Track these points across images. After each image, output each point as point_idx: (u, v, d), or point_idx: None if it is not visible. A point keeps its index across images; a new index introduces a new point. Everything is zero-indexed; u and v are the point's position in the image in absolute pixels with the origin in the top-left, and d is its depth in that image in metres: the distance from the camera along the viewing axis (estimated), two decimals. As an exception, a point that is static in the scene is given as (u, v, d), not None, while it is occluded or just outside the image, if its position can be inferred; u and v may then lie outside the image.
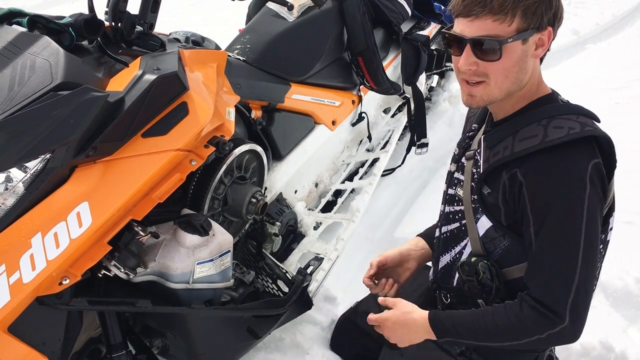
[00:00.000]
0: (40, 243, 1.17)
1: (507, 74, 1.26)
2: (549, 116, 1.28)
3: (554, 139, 1.22)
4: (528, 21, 1.21)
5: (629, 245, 2.56)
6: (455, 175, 1.48)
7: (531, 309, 1.26)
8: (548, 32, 1.24)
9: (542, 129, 1.25)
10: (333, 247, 2.15)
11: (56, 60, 1.28)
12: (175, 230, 1.46)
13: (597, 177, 1.23)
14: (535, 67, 1.30)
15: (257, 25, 2.35)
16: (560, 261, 1.24)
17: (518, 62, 1.25)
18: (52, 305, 1.23)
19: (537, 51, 1.26)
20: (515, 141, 1.28)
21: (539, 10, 1.21)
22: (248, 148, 1.76)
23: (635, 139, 3.52)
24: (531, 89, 1.32)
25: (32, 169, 1.20)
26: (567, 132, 1.22)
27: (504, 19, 1.21)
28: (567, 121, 1.25)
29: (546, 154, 1.23)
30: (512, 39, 1.21)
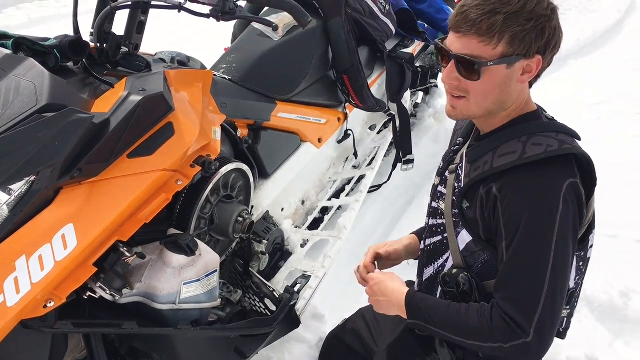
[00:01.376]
0: (24, 266, 1.16)
1: (487, 94, 1.27)
2: (529, 133, 1.28)
3: (531, 156, 1.23)
4: (515, 47, 1.21)
5: (613, 259, 2.59)
6: (439, 189, 1.49)
7: (500, 318, 1.26)
8: (537, 60, 1.23)
9: (521, 145, 1.26)
10: (320, 264, 2.14)
11: (41, 82, 1.28)
12: (161, 251, 1.45)
13: (573, 196, 1.23)
14: (522, 91, 1.30)
15: (243, 45, 2.37)
16: (528, 278, 1.24)
17: (500, 85, 1.25)
18: (37, 328, 1.22)
19: (524, 77, 1.26)
20: (495, 157, 1.29)
21: (528, 38, 1.20)
22: (234, 167, 1.76)
23: (616, 152, 3.57)
24: (517, 109, 1.33)
25: (17, 191, 1.19)
26: (545, 150, 1.23)
27: (489, 42, 1.21)
28: (547, 139, 1.26)
29: (523, 171, 1.24)
30: (492, 63, 1.22)
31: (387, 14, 2.80)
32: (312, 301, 2.05)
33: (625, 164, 3.43)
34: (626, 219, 2.89)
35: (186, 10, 1.55)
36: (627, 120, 4.10)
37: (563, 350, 2.07)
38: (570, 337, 2.16)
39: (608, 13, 7.02)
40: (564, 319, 1.44)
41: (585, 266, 1.42)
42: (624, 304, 2.32)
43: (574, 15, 6.97)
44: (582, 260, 1.37)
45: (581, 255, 1.36)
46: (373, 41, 2.75)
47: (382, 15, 2.75)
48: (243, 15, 1.59)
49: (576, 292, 1.42)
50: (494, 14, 1.19)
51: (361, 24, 2.63)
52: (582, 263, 1.38)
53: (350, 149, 2.80)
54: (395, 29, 2.91)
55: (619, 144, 3.71)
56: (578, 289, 1.42)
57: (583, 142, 1.33)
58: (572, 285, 1.38)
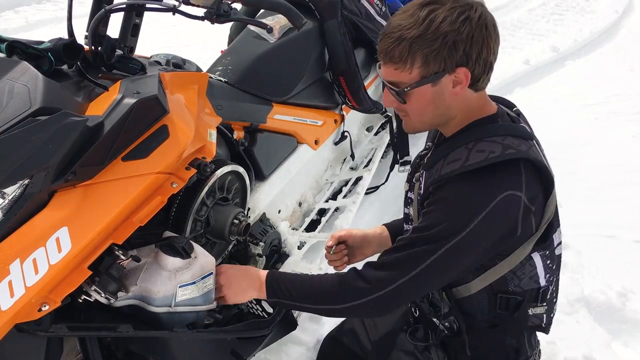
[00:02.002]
0: (18, 269, 1.15)
1: (422, 112, 1.31)
2: (477, 139, 1.29)
3: (472, 164, 1.24)
4: (430, 67, 1.23)
5: (611, 260, 2.60)
6: (409, 195, 1.52)
7: (358, 276, 1.34)
8: (462, 72, 1.24)
9: (466, 152, 1.27)
10: (317, 266, 2.14)
11: (35, 85, 1.28)
12: (156, 254, 1.45)
13: (505, 210, 1.22)
14: (466, 99, 1.30)
15: (239, 47, 2.37)
16: (409, 257, 1.28)
17: (432, 102, 1.28)
18: (32, 332, 1.21)
19: (456, 89, 1.27)
20: (444, 164, 1.31)
21: (440, 56, 1.21)
22: (230, 169, 1.76)
23: (614, 153, 3.58)
24: (470, 114, 1.33)
25: (11, 194, 1.18)
26: (486, 157, 1.23)
27: (403, 67, 1.24)
28: (491, 144, 1.26)
29: (462, 178, 1.26)
30: (410, 88, 1.25)
31: (384, 16, 2.81)
32: (309, 303, 2.04)
33: (623, 165, 3.44)
34: (624, 219, 2.89)
35: (180, 13, 1.55)
36: (624, 120, 4.10)
37: (561, 351, 2.07)
38: (568, 338, 2.17)
39: (605, 14, 7.03)
40: (542, 315, 1.44)
41: (556, 264, 1.42)
42: (621, 305, 2.32)
43: (571, 15, 6.98)
44: (548, 258, 1.38)
45: (546, 254, 1.36)
46: (369, 43, 2.76)
47: (378, 16, 2.76)
48: (237, 17, 1.59)
49: (550, 289, 1.42)
50: (401, 40, 1.21)
51: (357, 25, 2.64)
52: (549, 261, 1.38)
53: (347, 151, 2.80)
54: (392, 31, 2.91)
55: (617, 144, 3.72)
56: (552, 286, 1.43)
57: (581, 142, 1.33)
58: (543, 284, 1.39)
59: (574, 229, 2.71)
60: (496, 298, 1.38)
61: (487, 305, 1.40)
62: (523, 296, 1.38)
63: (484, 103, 1.34)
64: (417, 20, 1.21)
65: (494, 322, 1.41)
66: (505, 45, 5.78)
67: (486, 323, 1.42)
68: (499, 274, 1.34)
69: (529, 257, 1.33)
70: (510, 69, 5.14)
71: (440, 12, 1.20)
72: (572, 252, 2.62)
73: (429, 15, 1.20)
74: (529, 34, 6.18)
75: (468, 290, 1.39)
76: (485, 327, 1.42)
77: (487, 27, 1.23)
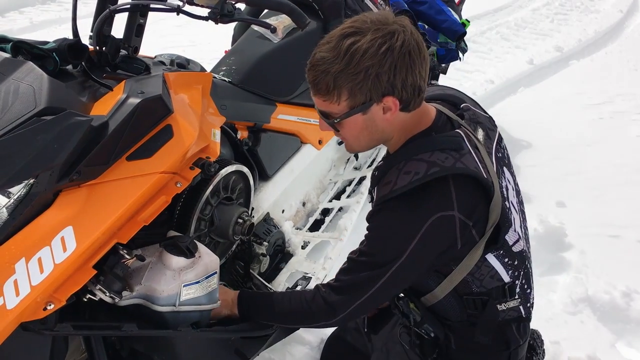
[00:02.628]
0: (24, 268, 1.16)
1: (357, 137, 1.33)
2: (407, 158, 1.30)
3: (398, 189, 1.26)
4: (356, 99, 1.24)
5: (615, 259, 2.59)
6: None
7: (322, 300, 1.42)
8: (391, 100, 1.24)
9: (396, 174, 1.29)
10: (321, 266, 2.15)
11: (40, 85, 1.28)
12: (161, 253, 1.45)
13: (436, 232, 1.25)
14: (399, 121, 1.31)
15: (243, 47, 2.37)
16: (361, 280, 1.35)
17: (364, 129, 1.30)
18: (37, 331, 1.22)
19: (386, 115, 1.28)
20: (380, 186, 1.34)
21: (365, 88, 1.22)
22: (234, 169, 1.76)
23: (618, 153, 3.57)
24: (406, 132, 1.34)
25: (16, 194, 1.19)
26: (411, 179, 1.25)
27: (331, 100, 1.26)
28: (418, 163, 1.27)
29: (391, 203, 1.29)
30: (339, 119, 1.27)
31: (387, 16, 2.80)
32: (313, 303, 2.05)
33: (628, 164, 3.43)
34: (628, 219, 2.89)
35: (185, 13, 1.55)
36: (629, 120, 4.09)
37: (565, 351, 2.06)
38: (572, 338, 2.17)
39: (609, 13, 7.02)
40: (518, 307, 1.46)
41: (517, 259, 1.42)
42: (625, 305, 2.32)
43: (575, 15, 6.97)
44: (505, 256, 1.39)
45: (501, 254, 1.38)
46: (373, 42, 2.75)
47: (382, 16, 2.75)
48: (241, 17, 1.60)
49: (516, 283, 1.43)
50: (325, 74, 1.23)
51: (361, 25, 2.63)
52: (507, 259, 1.40)
53: (351, 151, 2.79)
54: (395, 30, 2.91)
55: (621, 144, 3.71)
56: (518, 280, 1.44)
57: (586, 142, 1.33)
58: (507, 280, 1.41)
59: (578, 229, 2.71)
60: (462, 300, 1.42)
61: (458, 307, 1.44)
62: (489, 295, 1.40)
63: (419, 119, 1.35)
64: (339, 53, 1.21)
65: (469, 320, 1.44)
66: (509, 45, 5.78)
67: (462, 323, 1.45)
68: (458, 279, 1.38)
69: (482, 259, 1.35)
70: (514, 69, 5.14)
71: (361, 45, 1.19)
72: (576, 252, 2.62)
73: (350, 48, 1.20)
74: (533, 33, 6.17)
75: (435, 297, 1.43)
76: (464, 326, 1.46)
77: (411, 54, 1.22)
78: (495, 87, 4.67)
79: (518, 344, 1.50)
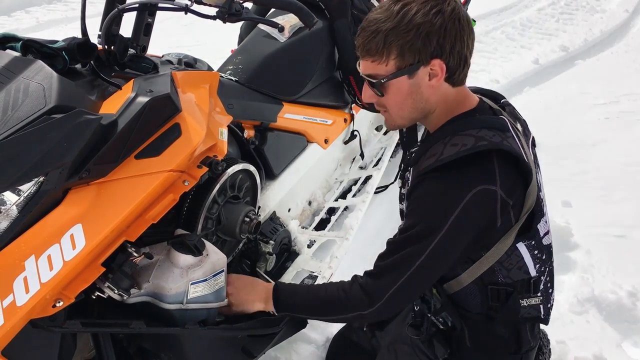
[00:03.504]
0: (33, 266, 1.17)
1: (401, 105, 1.33)
2: (453, 133, 1.31)
3: (445, 158, 1.26)
4: (405, 59, 1.25)
5: (622, 259, 2.58)
6: (402, 191, 1.54)
7: (359, 288, 1.38)
8: (438, 64, 1.26)
9: (442, 147, 1.29)
10: (327, 265, 2.15)
11: (49, 83, 1.29)
12: (168, 251, 1.46)
13: (479, 204, 1.25)
14: (443, 93, 1.32)
15: (249, 46, 2.38)
16: (399, 261, 1.32)
17: (410, 94, 1.30)
18: (46, 327, 1.23)
19: (432, 82, 1.29)
20: (423, 160, 1.33)
21: (414, 47, 1.24)
22: (241, 168, 1.77)
23: (625, 153, 3.56)
24: (448, 109, 1.35)
25: (26, 192, 1.20)
26: (458, 150, 1.25)
27: (380, 60, 1.27)
28: (465, 137, 1.27)
29: (437, 171, 1.28)
30: (386, 79, 1.28)
31: (393, 15, 2.80)
32: (319, 301, 2.05)
33: (634, 164, 3.42)
34: (634, 219, 2.88)
35: (193, 12, 1.56)
36: (635, 120, 4.08)
37: (571, 351, 2.06)
38: (578, 338, 2.17)
39: (615, 13, 6.98)
40: (538, 306, 1.45)
41: (545, 253, 1.42)
42: (632, 304, 2.31)
43: (581, 15, 6.94)
44: (535, 248, 1.39)
45: (532, 244, 1.37)
46: (379, 42, 2.76)
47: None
48: (249, 16, 1.60)
49: (541, 279, 1.43)
50: (376, 33, 1.25)
51: (367, 25, 2.63)
52: (537, 251, 1.39)
53: (357, 150, 2.80)
54: (402, 30, 2.91)
55: (628, 144, 3.70)
56: (543, 276, 1.43)
57: (592, 142, 1.33)
58: (534, 274, 1.41)
59: (584, 229, 2.71)
60: (487, 290, 1.41)
61: (480, 297, 1.42)
62: (514, 287, 1.39)
63: (463, 99, 1.36)
64: (392, 13, 1.25)
65: (488, 314, 1.43)
66: (514, 45, 5.77)
67: (481, 315, 1.44)
68: (486, 266, 1.36)
69: (513, 247, 1.34)
70: (520, 69, 5.12)
71: (413, 5, 1.24)
72: (582, 252, 2.62)
73: (403, 9, 1.24)
74: (539, 33, 6.15)
75: (459, 284, 1.41)
76: (482, 319, 1.44)
77: (460, 20, 1.25)
78: (500, 87, 4.65)
79: (529, 347, 1.48)
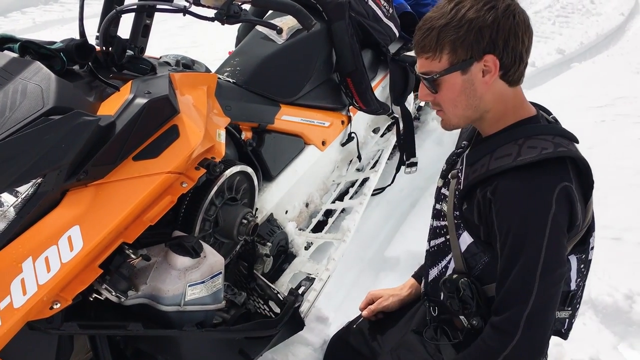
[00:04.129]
0: (31, 267, 1.17)
1: (455, 103, 1.32)
2: (526, 136, 1.30)
3: (526, 158, 1.24)
4: (458, 54, 1.26)
5: (618, 262, 2.59)
6: (442, 191, 1.51)
7: (492, 328, 1.28)
8: (491, 59, 1.25)
9: (517, 148, 1.28)
10: (324, 267, 2.15)
11: (47, 85, 1.29)
12: (166, 253, 1.46)
13: (565, 199, 1.23)
14: (499, 92, 1.31)
15: (247, 48, 2.38)
16: (518, 278, 1.24)
17: (463, 91, 1.29)
18: (43, 329, 1.23)
19: (485, 78, 1.28)
20: (492, 159, 1.31)
21: (467, 42, 1.24)
22: (239, 169, 1.77)
23: (620, 156, 3.57)
24: (506, 110, 1.33)
25: (24, 193, 1.20)
26: (540, 152, 1.24)
27: (434, 56, 1.28)
28: (542, 141, 1.26)
29: (516, 173, 1.25)
30: (438, 75, 1.28)
31: (391, 17, 2.81)
32: (316, 303, 2.05)
33: (630, 167, 3.43)
34: (630, 221, 2.88)
35: (191, 14, 1.56)
36: (631, 122, 4.09)
37: (567, 353, 2.06)
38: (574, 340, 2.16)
39: (611, 16, 7.02)
40: (565, 320, 1.44)
41: (587, 268, 1.42)
42: (628, 307, 2.32)
43: (577, 18, 6.97)
44: (582, 262, 1.38)
45: (582, 258, 1.37)
46: (377, 44, 2.76)
47: (385, 18, 2.76)
48: (247, 18, 1.61)
49: (577, 294, 1.42)
50: (430, 30, 1.27)
51: (365, 27, 2.64)
52: (582, 265, 1.38)
53: (354, 152, 2.80)
54: (399, 32, 2.92)
55: (624, 146, 3.71)
56: (579, 291, 1.42)
57: (587, 145, 1.33)
58: (573, 287, 1.39)
59: (580, 231, 2.71)
60: None
61: None
62: None
63: (520, 103, 1.35)
64: (445, 11, 1.26)
65: None
66: (511, 48, 5.78)
67: None
68: None
69: (567, 259, 1.32)
70: (516, 71, 5.14)
71: (467, 3, 1.26)
72: (578, 254, 2.62)
73: (456, 6, 1.26)
74: (535, 36, 6.07)
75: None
76: None
77: (516, 17, 1.25)
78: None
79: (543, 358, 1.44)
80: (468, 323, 1.40)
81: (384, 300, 1.75)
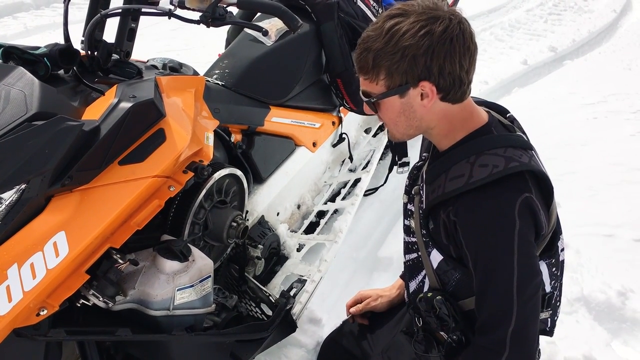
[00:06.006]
0: (16, 274, 1.16)
1: (395, 123, 1.31)
2: (477, 152, 1.27)
3: (477, 180, 1.23)
4: (393, 80, 1.23)
5: (611, 259, 2.59)
6: (409, 207, 1.50)
7: (480, 348, 1.28)
8: (428, 86, 1.22)
9: (469, 167, 1.26)
10: (316, 268, 2.14)
11: (31, 90, 1.28)
12: (154, 257, 1.45)
13: (527, 211, 1.22)
14: (442, 111, 1.28)
15: (236, 50, 2.37)
16: (496, 300, 1.24)
17: (401, 113, 1.28)
18: (30, 336, 1.22)
19: (424, 102, 1.25)
20: (447, 180, 1.29)
21: (401, 69, 1.21)
22: (227, 172, 1.76)
23: (613, 152, 3.57)
24: (454, 125, 1.31)
25: (7, 199, 1.19)
26: (490, 172, 1.22)
27: (371, 79, 1.26)
28: (493, 157, 1.24)
29: (473, 194, 1.24)
30: (375, 98, 1.27)
31: (380, 17, 2.80)
32: (308, 305, 2.05)
33: (622, 163, 3.44)
34: (623, 218, 2.89)
35: (176, 17, 1.55)
36: (623, 119, 4.10)
37: (560, 351, 2.06)
38: (567, 337, 2.17)
39: (603, 13, 7.03)
40: (547, 319, 1.44)
41: (560, 270, 1.41)
42: (621, 304, 2.32)
43: (569, 15, 6.98)
44: (554, 266, 1.37)
45: (552, 262, 1.36)
46: (366, 44, 2.76)
47: (374, 18, 2.76)
48: (233, 21, 1.60)
49: (554, 294, 1.42)
50: (367, 52, 1.24)
51: (354, 27, 2.63)
52: (554, 268, 1.38)
53: (346, 153, 2.80)
54: (389, 32, 2.92)
55: (616, 143, 3.71)
56: (557, 290, 1.42)
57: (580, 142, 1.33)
58: (548, 290, 1.39)
59: (573, 229, 2.71)
60: None
61: None
62: None
63: (469, 115, 1.32)
64: (382, 32, 1.22)
65: None
66: (503, 46, 5.79)
67: None
68: None
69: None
70: (509, 69, 5.14)
71: (402, 26, 1.20)
72: (571, 252, 2.62)
73: (392, 28, 1.21)
74: (527, 34, 6.17)
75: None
76: None
77: (452, 41, 1.20)
78: (489, 88, 4.67)
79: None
80: (448, 337, 1.39)
81: (372, 300, 1.74)
